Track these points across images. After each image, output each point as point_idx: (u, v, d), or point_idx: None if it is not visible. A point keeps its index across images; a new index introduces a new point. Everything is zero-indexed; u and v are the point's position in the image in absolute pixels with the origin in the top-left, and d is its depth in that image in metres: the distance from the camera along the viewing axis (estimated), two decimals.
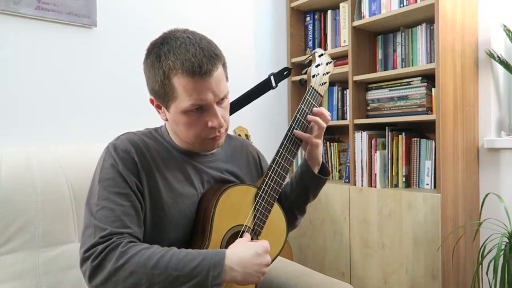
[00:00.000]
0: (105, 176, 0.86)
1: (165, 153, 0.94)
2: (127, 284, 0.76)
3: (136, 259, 0.77)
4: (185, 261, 0.77)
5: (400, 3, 1.82)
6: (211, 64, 0.84)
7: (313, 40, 2.30)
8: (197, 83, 0.84)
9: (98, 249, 0.78)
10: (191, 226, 0.93)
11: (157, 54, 0.86)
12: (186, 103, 0.85)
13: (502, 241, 1.48)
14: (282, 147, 0.98)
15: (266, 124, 2.22)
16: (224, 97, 0.90)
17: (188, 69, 0.82)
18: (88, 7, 1.53)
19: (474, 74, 1.83)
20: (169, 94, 0.86)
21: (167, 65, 0.84)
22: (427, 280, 1.66)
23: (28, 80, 1.43)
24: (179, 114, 0.87)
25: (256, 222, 0.95)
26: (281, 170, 0.97)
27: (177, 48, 0.84)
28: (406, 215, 1.72)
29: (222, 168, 1.01)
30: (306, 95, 1.02)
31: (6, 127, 1.38)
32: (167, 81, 0.85)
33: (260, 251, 0.84)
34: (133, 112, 1.70)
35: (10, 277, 1.02)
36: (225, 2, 2.04)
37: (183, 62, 0.83)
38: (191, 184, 0.95)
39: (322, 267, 2.08)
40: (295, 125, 0.99)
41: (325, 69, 1.06)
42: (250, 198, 0.95)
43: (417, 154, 1.81)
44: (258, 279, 0.83)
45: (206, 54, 0.84)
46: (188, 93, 0.84)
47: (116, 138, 0.93)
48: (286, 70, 1.14)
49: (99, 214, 0.82)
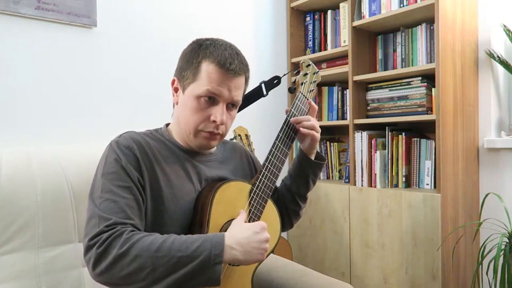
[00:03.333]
0: (109, 170, 0.89)
1: (165, 151, 0.98)
2: (131, 268, 0.78)
3: (140, 244, 0.79)
4: (187, 243, 0.80)
5: (400, 3, 1.82)
6: (239, 68, 0.95)
7: (313, 40, 2.30)
8: (221, 75, 0.92)
9: (103, 237, 0.80)
10: (189, 222, 0.96)
11: (200, 43, 0.97)
12: (203, 88, 0.92)
13: (502, 241, 1.48)
14: (275, 147, 1.04)
15: (266, 124, 2.22)
16: (235, 103, 0.98)
17: (220, 61, 0.92)
18: (88, 7, 1.54)
19: (474, 74, 1.83)
20: (192, 75, 0.94)
21: (205, 53, 0.94)
22: (427, 280, 1.66)
23: (28, 80, 1.43)
24: (192, 98, 0.94)
25: (251, 217, 0.98)
26: (274, 169, 1.03)
27: (218, 45, 0.96)
28: (406, 215, 1.72)
29: (219, 167, 1.06)
30: (295, 100, 1.11)
31: (6, 127, 1.38)
32: (197, 64, 0.94)
33: (257, 229, 0.87)
34: (133, 112, 1.70)
35: (10, 277, 1.02)
36: (225, 2, 2.04)
37: (218, 55, 0.93)
38: (190, 180, 0.98)
39: (322, 267, 2.08)
40: (285, 127, 1.07)
41: (313, 78, 1.18)
42: (245, 194, 0.99)
43: (417, 154, 1.81)
44: (261, 256, 0.86)
45: (239, 59, 0.96)
46: (209, 80, 0.92)
47: (119, 136, 0.96)
48: (276, 79, 1.21)
49: (103, 205, 0.84)
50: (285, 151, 1.05)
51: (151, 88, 1.76)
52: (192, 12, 1.90)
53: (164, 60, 1.79)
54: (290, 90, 1.16)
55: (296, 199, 1.15)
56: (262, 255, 0.86)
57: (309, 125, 1.07)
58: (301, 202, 1.17)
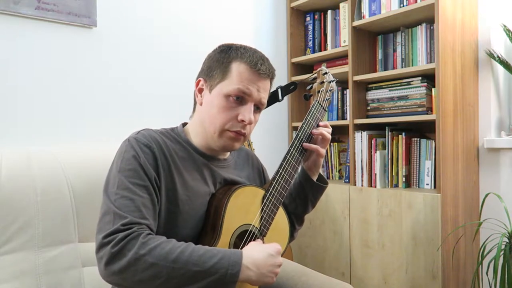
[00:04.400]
0: (126, 166, 0.87)
1: (182, 152, 0.97)
2: (145, 275, 0.77)
3: (158, 251, 0.78)
4: (205, 258, 0.79)
5: (400, 3, 1.82)
6: (269, 71, 0.97)
7: (313, 40, 2.30)
8: (252, 75, 0.94)
9: (118, 236, 0.78)
10: (202, 224, 0.96)
11: (230, 47, 0.98)
12: (233, 86, 0.93)
13: (502, 241, 1.48)
14: (289, 154, 1.03)
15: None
16: (261, 106, 0.98)
17: (251, 61, 0.94)
18: (88, 7, 1.54)
19: (474, 74, 1.83)
20: (222, 74, 0.95)
21: (236, 54, 0.95)
22: (427, 280, 1.66)
23: (28, 80, 1.43)
24: (221, 97, 0.94)
25: (263, 223, 0.98)
26: (287, 176, 1.02)
27: (248, 50, 0.97)
28: (406, 215, 1.72)
29: (233, 173, 1.05)
30: (312, 108, 1.09)
31: (6, 127, 1.38)
32: (228, 63, 0.95)
33: (273, 252, 0.87)
34: (133, 112, 1.70)
35: (10, 277, 1.02)
36: (225, 2, 2.04)
37: (249, 56, 0.95)
38: (205, 183, 0.97)
39: (322, 267, 2.08)
40: (301, 135, 1.06)
41: (329, 86, 1.15)
42: (258, 200, 0.98)
43: (417, 154, 1.81)
44: (271, 280, 0.86)
45: (268, 64, 0.98)
46: (240, 79, 0.93)
47: (137, 132, 0.95)
48: (293, 85, 1.20)
49: (119, 202, 0.83)
50: (299, 159, 1.05)
51: (151, 88, 1.76)
52: (192, 12, 1.90)
53: (164, 60, 1.79)
54: (305, 97, 1.15)
55: (292, 219, 1.13)
56: (273, 278, 0.87)
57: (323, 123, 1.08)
58: (297, 224, 1.15)
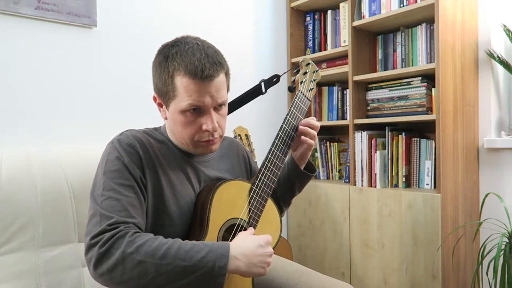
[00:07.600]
0: (111, 168, 0.88)
1: (166, 151, 0.97)
2: (133, 273, 0.77)
3: (144, 249, 0.78)
4: (192, 253, 0.80)
5: (400, 3, 1.82)
6: (213, 70, 0.89)
7: (313, 40, 2.30)
8: (197, 85, 0.88)
9: (105, 236, 0.79)
10: (188, 223, 0.96)
11: (166, 54, 0.91)
12: (185, 103, 0.89)
13: (502, 241, 1.48)
14: (274, 146, 1.03)
15: (266, 124, 2.22)
16: (222, 104, 0.94)
17: (191, 71, 0.87)
18: (88, 7, 1.54)
19: (474, 74, 1.83)
20: (170, 92, 0.90)
21: (173, 65, 0.89)
22: (427, 280, 1.66)
23: (28, 80, 1.43)
24: (177, 113, 0.91)
25: (251, 216, 0.99)
26: (273, 168, 1.02)
27: (185, 51, 0.89)
28: (406, 215, 1.72)
29: (217, 167, 1.06)
30: (295, 99, 1.09)
31: (6, 127, 1.38)
32: (170, 80, 0.89)
33: (262, 242, 0.87)
34: (133, 112, 1.70)
35: (10, 277, 1.02)
36: (225, 2, 2.04)
37: (187, 65, 0.87)
38: (189, 182, 0.98)
39: (322, 267, 2.08)
40: (286, 126, 1.05)
41: (312, 76, 1.16)
42: (244, 193, 0.99)
43: (417, 154, 1.81)
44: (263, 270, 0.86)
45: (210, 60, 0.89)
46: (188, 93, 0.88)
47: (120, 134, 0.95)
48: (275, 77, 1.20)
49: (105, 203, 0.83)
50: (285, 150, 1.05)
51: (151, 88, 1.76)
52: (192, 12, 1.90)
53: None
54: (289, 89, 1.15)
55: (280, 203, 1.16)
56: (264, 269, 0.86)
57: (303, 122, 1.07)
58: (284, 207, 1.19)
